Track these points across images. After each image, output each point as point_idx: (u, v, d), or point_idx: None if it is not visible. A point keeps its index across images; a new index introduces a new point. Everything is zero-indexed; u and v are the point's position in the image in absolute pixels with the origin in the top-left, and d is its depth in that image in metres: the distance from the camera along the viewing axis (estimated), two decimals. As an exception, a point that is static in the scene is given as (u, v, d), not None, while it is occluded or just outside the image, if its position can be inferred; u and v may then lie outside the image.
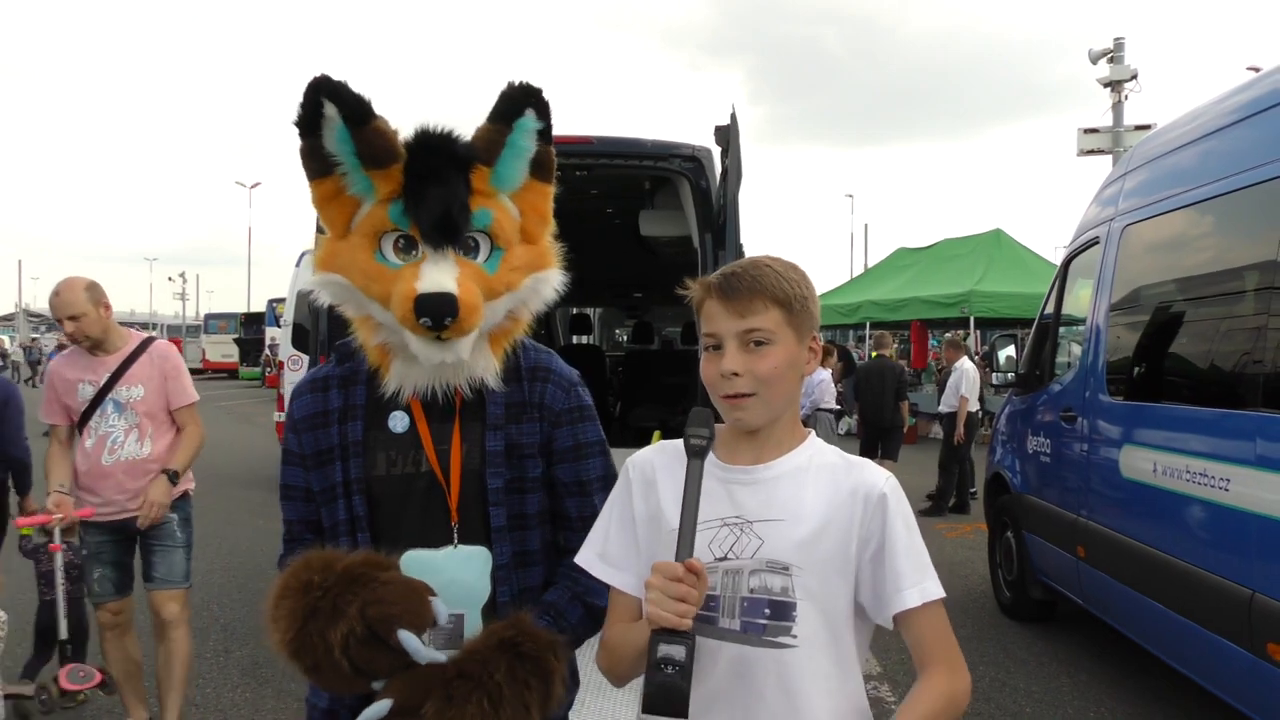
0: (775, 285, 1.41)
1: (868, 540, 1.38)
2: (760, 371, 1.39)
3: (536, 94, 1.58)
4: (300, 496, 1.66)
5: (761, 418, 1.42)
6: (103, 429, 3.71)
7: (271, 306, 24.88)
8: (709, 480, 1.45)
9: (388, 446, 1.59)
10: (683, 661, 1.23)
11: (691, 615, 1.27)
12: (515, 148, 1.56)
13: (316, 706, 1.67)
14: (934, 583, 1.37)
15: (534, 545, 1.64)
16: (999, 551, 6.45)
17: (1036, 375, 6.10)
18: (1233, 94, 4.09)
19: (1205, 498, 3.73)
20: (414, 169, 1.49)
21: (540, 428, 1.65)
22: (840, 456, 1.47)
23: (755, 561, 1.38)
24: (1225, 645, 3.55)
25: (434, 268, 1.48)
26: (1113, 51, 15.37)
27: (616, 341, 17.18)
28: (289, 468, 1.67)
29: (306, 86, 1.46)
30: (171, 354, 3.94)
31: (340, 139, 1.47)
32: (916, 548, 1.39)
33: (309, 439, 1.63)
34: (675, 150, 4.93)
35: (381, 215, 1.50)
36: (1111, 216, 5.11)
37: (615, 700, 4.08)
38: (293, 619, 1.41)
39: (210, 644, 5.38)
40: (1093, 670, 5.18)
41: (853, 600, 1.40)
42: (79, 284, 3.70)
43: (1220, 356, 3.96)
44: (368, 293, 1.52)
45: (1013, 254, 16.10)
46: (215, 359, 37.87)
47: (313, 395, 1.65)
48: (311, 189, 1.54)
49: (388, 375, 1.58)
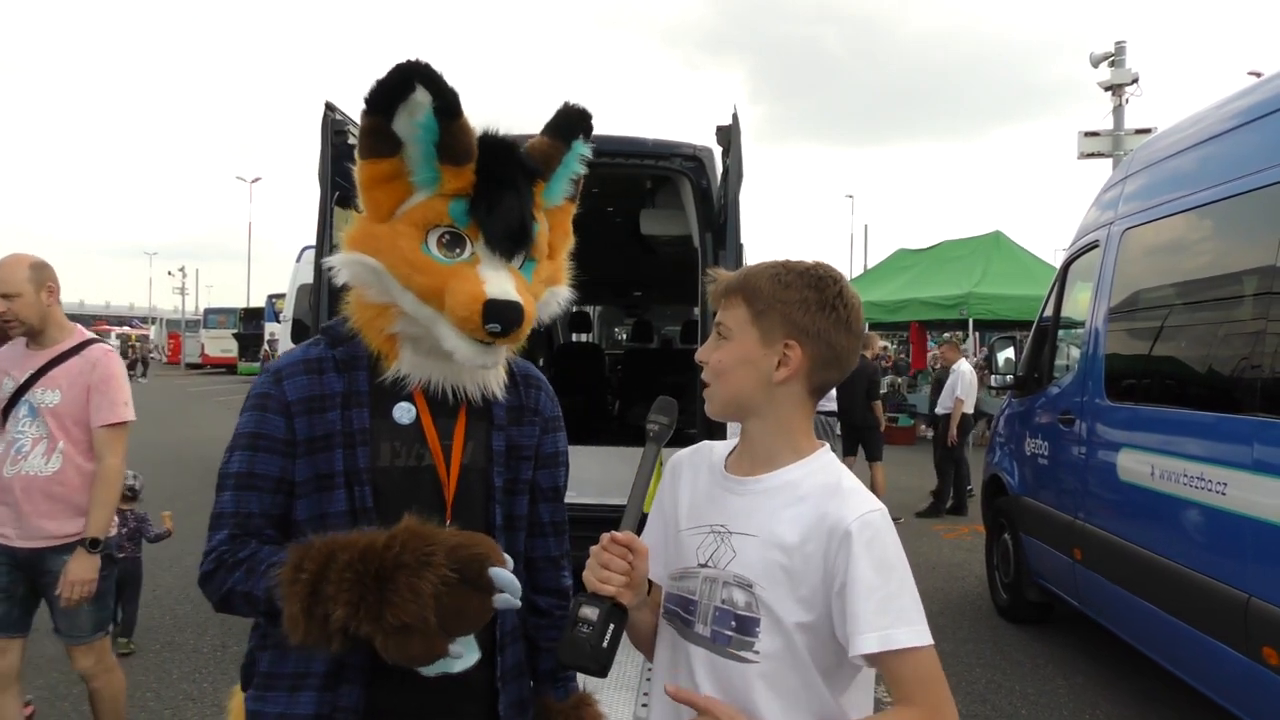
0: (752, 284, 1.40)
1: (834, 574, 1.31)
2: (710, 362, 1.43)
3: (589, 119, 1.62)
4: (269, 488, 1.50)
5: (715, 409, 1.45)
6: (12, 434, 3.20)
7: (271, 302, 24.84)
8: (712, 485, 1.47)
9: (392, 437, 1.54)
10: (594, 622, 1.33)
11: (615, 582, 1.34)
12: (567, 167, 1.60)
13: (290, 715, 1.50)
14: (905, 629, 1.27)
15: (519, 546, 1.65)
16: (996, 553, 6.46)
17: (1035, 378, 6.10)
18: (1234, 99, 4.09)
19: (1202, 501, 3.73)
20: (489, 173, 1.47)
21: (536, 431, 1.68)
22: (836, 480, 1.39)
23: (727, 573, 1.38)
24: (1221, 649, 3.55)
25: (495, 274, 1.46)
26: (1114, 55, 15.36)
27: (616, 340, 17.17)
28: (260, 455, 1.50)
29: (398, 67, 1.41)
30: (107, 362, 3.32)
31: (425, 127, 1.43)
32: (885, 590, 1.28)
33: (303, 423, 1.50)
34: (677, 149, 4.93)
35: (440, 209, 1.46)
36: (1111, 220, 5.11)
37: (617, 701, 4.09)
38: (361, 582, 1.31)
39: (207, 639, 5.38)
40: (1088, 673, 5.19)
41: (827, 628, 1.33)
42: (24, 260, 3.23)
43: (1218, 361, 3.97)
44: (406, 283, 1.46)
45: (1012, 256, 16.10)
46: (214, 354, 37.90)
47: (308, 376, 1.53)
48: (363, 166, 1.49)
49: (395, 364, 1.54)
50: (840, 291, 1.40)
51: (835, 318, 1.38)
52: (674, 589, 1.46)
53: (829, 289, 1.39)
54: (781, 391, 1.40)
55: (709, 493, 1.47)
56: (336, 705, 1.49)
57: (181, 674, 4.83)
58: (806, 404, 1.43)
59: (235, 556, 1.46)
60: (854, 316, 1.40)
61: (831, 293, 1.39)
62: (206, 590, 1.50)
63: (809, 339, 1.38)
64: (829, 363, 1.40)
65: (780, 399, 1.41)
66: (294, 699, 1.50)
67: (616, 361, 9.87)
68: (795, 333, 1.38)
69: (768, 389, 1.40)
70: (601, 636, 1.33)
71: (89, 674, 3.39)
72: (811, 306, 1.38)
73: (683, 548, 1.46)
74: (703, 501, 1.47)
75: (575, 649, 1.33)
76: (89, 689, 3.44)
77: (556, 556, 1.73)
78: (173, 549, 7.50)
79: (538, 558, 1.71)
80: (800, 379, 1.40)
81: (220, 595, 1.48)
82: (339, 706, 1.49)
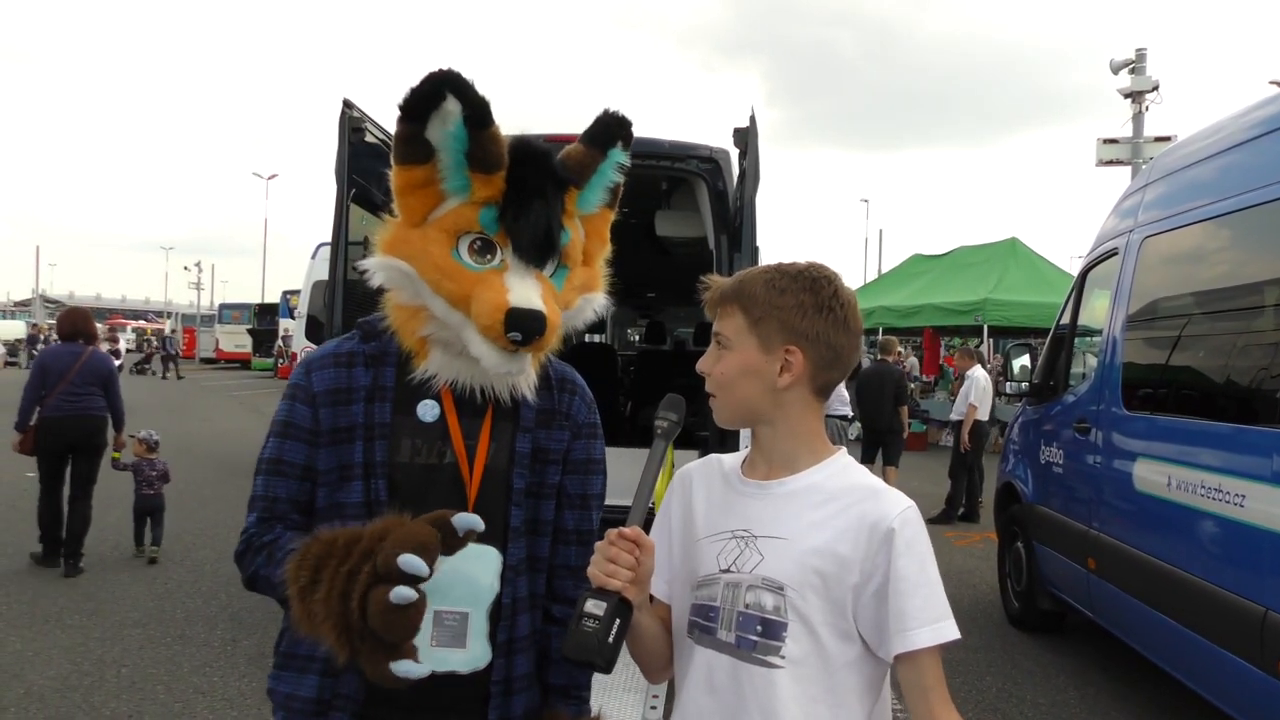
0: (747, 292, 1.40)
1: (871, 574, 1.32)
2: (713, 374, 1.44)
3: (629, 127, 1.63)
4: (296, 475, 1.56)
5: (724, 419, 1.46)
6: None
7: (286, 298, 24.98)
8: (729, 492, 1.46)
9: (414, 434, 1.56)
10: (600, 617, 1.31)
11: (621, 577, 1.33)
12: (603, 175, 1.62)
13: (295, 696, 1.55)
14: (950, 625, 1.30)
15: (543, 551, 1.65)
16: (1008, 561, 6.42)
17: (1051, 386, 6.07)
18: (1255, 108, 4.06)
19: (1219, 513, 3.70)
20: (519, 181, 1.49)
21: (566, 437, 1.68)
22: (864, 480, 1.41)
23: (753, 577, 1.37)
24: (1236, 662, 3.52)
25: (520, 282, 1.47)
26: (1134, 62, 15.30)
27: (628, 341, 17.18)
28: (289, 442, 1.56)
29: (430, 76, 1.43)
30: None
31: (455, 135, 1.45)
32: (929, 586, 1.31)
33: (328, 414, 1.55)
34: (693, 151, 4.92)
35: (470, 216, 1.49)
36: (1130, 228, 5.08)
37: (625, 703, 4.08)
38: (328, 598, 1.32)
39: (218, 633, 5.40)
40: (1100, 683, 5.16)
41: (856, 631, 1.35)
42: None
43: (1237, 371, 3.93)
44: (436, 288, 1.49)
45: (1028, 263, 16.04)
46: (229, 349, 38.06)
47: (336, 369, 1.58)
48: (397, 172, 1.52)
49: (423, 363, 1.56)
50: (835, 291, 1.40)
51: (833, 319, 1.39)
52: (695, 599, 1.45)
53: (824, 290, 1.40)
54: (788, 397, 1.40)
55: (725, 500, 1.46)
56: (337, 691, 1.53)
57: (192, 667, 4.85)
58: (814, 405, 1.44)
59: (261, 540, 1.53)
60: (851, 315, 1.41)
61: (827, 293, 1.39)
62: (239, 568, 1.57)
63: (809, 342, 1.38)
64: (831, 363, 1.41)
65: (788, 404, 1.41)
66: (300, 680, 1.56)
67: (629, 363, 9.88)
68: (794, 338, 1.38)
69: (774, 396, 1.40)
70: (608, 632, 1.31)
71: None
72: (808, 310, 1.38)
73: (701, 556, 1.45)
74: (719, 508, 1.47)
75: (581, 644, 1.31)
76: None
77: (576, 566, 1.67)
78: (184, 544, 7.57)
79: (557, 565, 1.68)
80: (804, 382, 1.40)
81: (247, 576, 1.55)
82: (339, 693, 1.53)
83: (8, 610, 5.62)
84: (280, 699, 1.58)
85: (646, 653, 1.53)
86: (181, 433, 14.72)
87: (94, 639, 5.20)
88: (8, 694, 4.43)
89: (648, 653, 1.53)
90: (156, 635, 5.33)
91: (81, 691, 4.47)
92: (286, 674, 1.57)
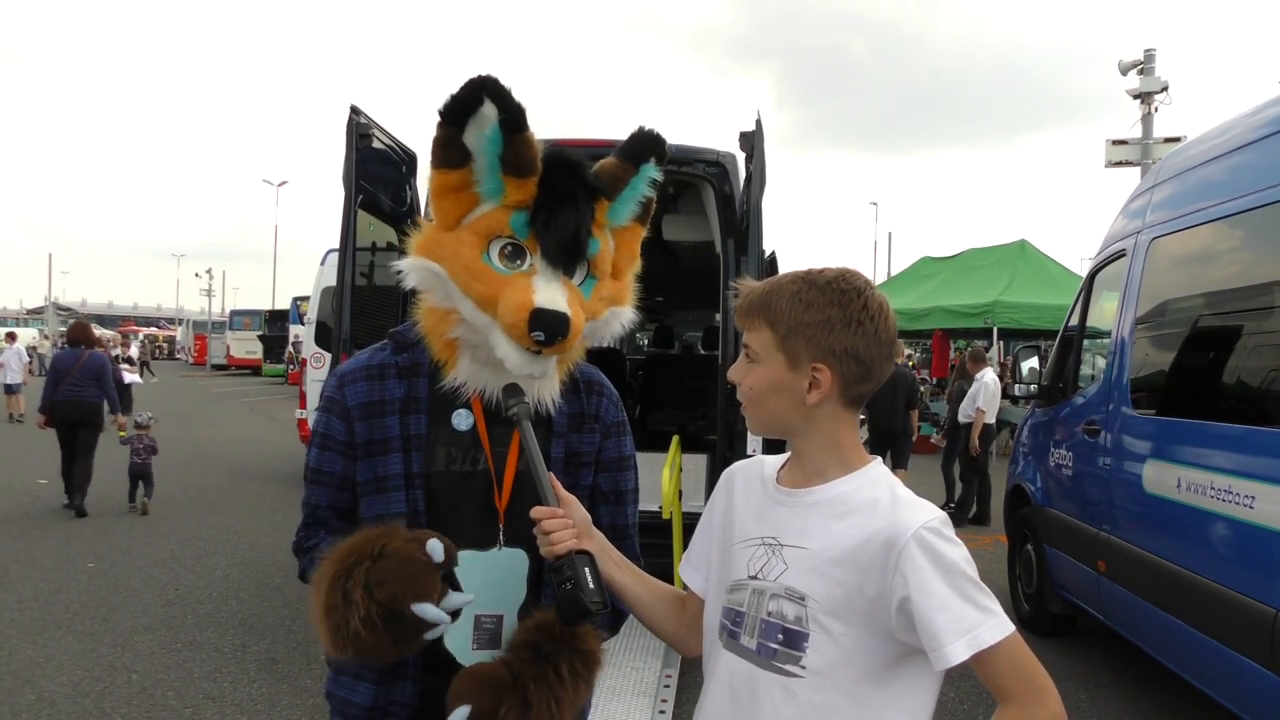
0: (774, 306, 1.38)
1: (892, 589, 1.27)
2: (742, 386, 1.44)
3: (662, 144, 1.67)
4: (334, 484, 1.63)
5: (756, 430, 1.49)
6: None
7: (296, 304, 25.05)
8: (764, 497, 1.47)
9: (449, 443, 1.61)
10: (570, 575, 1.42)
11: (564, 538, 1.45)
12: (634, 189, 1.65)
13: (350, 702, 1.62)
14: (988, 628, 1.24)
15: None
16: (1018, 564, 6.41)
17: (1060, 388, 6.05)
18: (1264, 108, 4.05)
19: (1229, 515, 3.69)
20: (551, 187, 1.53)
21: (596, 439, 1.72)
22: (889, 492, 1.36)
23: (777, 585, 1.37)
24: (1247, 664, 3.51)
25: (547, 285, 1.52)
26: (1143, 63, 15.26)
27: (637, 345, 17.18)
28: (327, 453, 1.63)
29: (469, 82, 1.47)
30: None
31: (491, 139, 1.49)
32: (957, 595, 1.25)
33: (362, 427, 1.60)
34: (700, 155, 4.93)
35: (502, 220, 1.53)
36: (1139, 229, 5.06)
37: (635, 707, 4.09)
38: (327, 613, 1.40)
39: (229, 638, 5.41)
40: (1111, 686, 5.13)
41: (888, 641, 1.31)
42: None
43: (1247, 372, 3.92)
44: (465, 290, 1.53)
45: (1038, 265, 15.97)
46: (239, 355, 38.21)
47: (369, 383, 1.63)
48: (434, 176, 1.56)
49: (453, 371, 1.60)
50: (865, 304, 1.36)
51: (862, 332, 1.35)
52: (726, 602, 1.45)
53: (853, 304, 1.35)
54: (818, 412, 1.38)
55: (760, 505, 1.47)
56: (391, 699, 1.60)
57: (202, 673, 4.87)
58: (845, 418, 1.41)
59: (306, 544, 1.64)
60: (882, 326, 1.37)
61: (855, 307, 1.35)
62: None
63: (836, 358, 1.35)
64: (861, 378, 1.37)
65: (818, 418, 1.39)
66: (354, 687, 1.63)
67: (637, 367, 9.88)
68: (822, 355, 1.35)
69: (803, 410, 1.39)
70: (584, 580, 1.42)
71: None
72: (836, 326, 1.34)
73: (735, 560, 1.45)
74: (753, 514, 1.47)
75: (568, 603, 1.42)
76: None
77: None
78: (194, 550, 7.60)
79: None
80: (834, 397, 1.38)
81: (300, 573, 1.65)
82: (393, 700, 1.60)
83: (19, 616, 5.65)
84: (337, 703, 1.65)
85: (659, 617, 1.59)
86: (192, 439, 14.79)
87: (105, 645, 5.22)
88: (19, 700, 4.45)
89: (660, 617, 1.59)
90: (167, 641, 5.34)
91: (93, 698, 4.49)
92: (343, 678, 1.65)
